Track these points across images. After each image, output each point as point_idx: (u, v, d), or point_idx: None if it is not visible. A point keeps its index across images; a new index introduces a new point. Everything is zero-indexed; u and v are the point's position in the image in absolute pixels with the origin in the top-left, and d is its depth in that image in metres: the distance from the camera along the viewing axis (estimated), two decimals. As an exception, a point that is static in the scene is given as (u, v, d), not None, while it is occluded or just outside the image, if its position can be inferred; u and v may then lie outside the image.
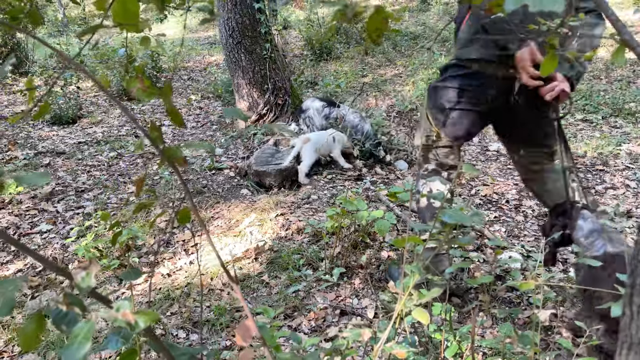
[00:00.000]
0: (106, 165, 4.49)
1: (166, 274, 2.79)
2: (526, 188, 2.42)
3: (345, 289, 2.53)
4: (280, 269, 2.74)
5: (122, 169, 4.41)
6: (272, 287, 2.61)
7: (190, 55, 10.44)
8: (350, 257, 2.75)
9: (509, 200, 3.59)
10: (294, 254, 2.85)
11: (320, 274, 2.62)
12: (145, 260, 2.96)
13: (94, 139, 5.24)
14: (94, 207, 3.58)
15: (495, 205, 3.54)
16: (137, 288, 2.68)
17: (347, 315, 2.35)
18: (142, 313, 0.61)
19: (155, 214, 3.42)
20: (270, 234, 3.09)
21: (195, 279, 2.67)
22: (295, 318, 2.36)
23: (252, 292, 2.59)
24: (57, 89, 6.24)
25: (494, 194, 3.67)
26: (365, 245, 2.89)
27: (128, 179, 4.15)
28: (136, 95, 0.65)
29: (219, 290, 2.62)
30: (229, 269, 2.50)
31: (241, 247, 2.98)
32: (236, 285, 0.84)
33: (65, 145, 5.05)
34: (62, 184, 4.01)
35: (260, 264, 2.81)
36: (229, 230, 3.19)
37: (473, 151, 4.64)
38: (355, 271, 2.69)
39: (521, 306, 2.28)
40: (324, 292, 2.53)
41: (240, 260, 2.85)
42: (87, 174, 4.25)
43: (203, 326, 2.33)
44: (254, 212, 3.36)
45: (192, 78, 8.37)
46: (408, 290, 1.18)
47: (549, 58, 1.01)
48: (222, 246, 3.02)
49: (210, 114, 6.15)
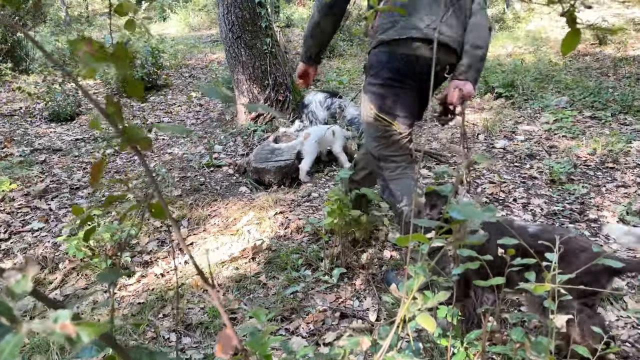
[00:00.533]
0: (103, 162, 4.39)
1: (160, 274, 2.68)
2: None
3: (345, 290, 2.42)
4: (278, 269, 2.63)
5: (118, 166, 4.30)
6: (270, 288, 2.50)
7: (192, 53, 10.34)
8: (351, 257, 2.64)
9: (516, 198, 3.46)
10: (292, 253, 2.74)
11: (319, 274, 2.51)
12: (139, 259, 2.85)
13: (92, 136, 5.14)
14: (88, 205, 3.47)
15: (502, 203, 3.41)
16: (129, 289, 2.57)
17: (348, 318, 2.24)
18: (86, 325, 0.50)
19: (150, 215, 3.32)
20: (269, 233, 2.98)
21: (189, 280, 2.56)
22: (292, 321, 2.25)
23: (248, 293, 2.48)
24: (56, 85, 6.15)
25: (500, 192, 3.55)
26: (367, 244, 2.77)
27: (124, 176, 4.05)
28: (82, 60, 0.54)
29: (215, 291, 2.50)
30: (207, 272, 2.40)
31: (238, 246, 2.87)
32: (212, 289, 0.73)
33: (62, 142, 4.95)
34: (57, 181, 3.92)
35: (257, 264, 2.70)
36: (226, 229, 3.08)
37: (478, 148, 4.52)
38: (356, 271, 2.57)
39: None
40: (324, 293, 2.41)
41: (236, 260, 2.74)
42: (83, 171, 4.15)
43: (196, 329, 2.22)
44: (253, 210, 3.25)
45: (193, 75, 8.27)
46: (412, 294, 1.06)
47: (571, 34, 0.89)
48: (218, 245, 2.91)
49: (210, 110, 6.04)
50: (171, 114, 5.97)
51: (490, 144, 4.61)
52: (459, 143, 4.68)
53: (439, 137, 4.84)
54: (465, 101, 2.04)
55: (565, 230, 2.39)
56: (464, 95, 2.05)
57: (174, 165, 4.12)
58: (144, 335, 2.18)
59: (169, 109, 6.23)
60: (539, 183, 3.67)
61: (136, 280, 2.63)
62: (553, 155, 4.17)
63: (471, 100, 5.63)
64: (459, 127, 5.17)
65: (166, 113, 6.05)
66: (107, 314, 2.38)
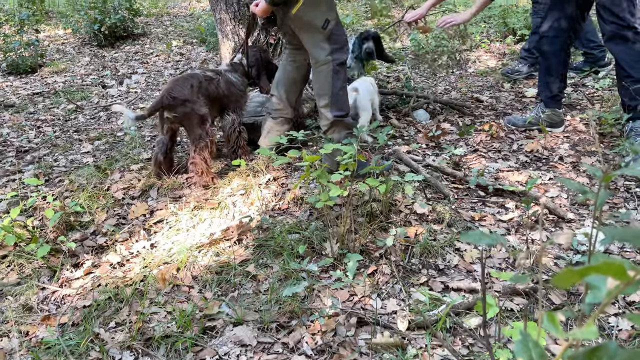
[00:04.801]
0: (62, 119, 3.69)
1: (117, 262, 2.05)
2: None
3: (362, 285, 1.80)
4: (271, 255, 2.00)
5: (80, 123, 3.61)
6: (261, 282, 1.88)
7: (176, 2, 9.44)
8: (366, 237, 2.02)
9: (562, 157, 2.82)
10: (290, 232, 2.10)
11: (327, 262, 1.87)
12: (92, 243, 2.21)
13: (53, 90, 4.41)
14: (34, 172, 2.81)
15: (546, 163, 2.77)
16: (74, 285, 1.95)
17: (368, 326, 1.63)
18: None
19: (112, 180, 2.66)
20: (259, 206, 2.33)
21: (155, 271, 1.94)
22: (292, 330, 1.64)
23: (232, 289, 1.85)
24: (12, 34, 5.34)
25: (542, 149, 2.90)
26: (386, 219, 2.14)
27: (85, 135, 3.36)
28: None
29: (188, 287, 1.88)
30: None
31: (220, 224, 2.23)
32: None
33: (16, 97, 4.22)
34: (2, 143, 3.23)
35: (244, 248, 2.07)
36: (205, 202, 2.43)
37: (506, 98, 3.84)
38: (375, 257, 1.95)
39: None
40: (333, 289, 1.79)
41: (217, 243, 2.10)
42: (36, 130, 3.46)
43: (159, 345, 1.60)
44: (238, 176, 2.59)
45: (175, 24, 7.42)
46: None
47: None
48: (195, 223, 2.27)
49: (192, 60, 5.29)
50: (147, 64, 5.22)
51: (519, 93, 3.93)
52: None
53: (458, 86, 4.15)
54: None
55: None
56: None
57: (145, 122, 3.42)
58: (86, 356, 1.57)
59: (145, 59, 5.46)
60: (587, 137, 3.02)
61: (84, 272, 2.00)
62: (597, 104, 3.50)
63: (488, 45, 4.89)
64: (480, 75, 4.47)
65: (142, 64, 5.30)
66: (41, 321, 1.76)
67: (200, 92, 2.53)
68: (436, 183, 2.46)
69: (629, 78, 2.61)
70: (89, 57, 5.69)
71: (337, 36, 2.45)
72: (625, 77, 2.62)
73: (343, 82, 2.51)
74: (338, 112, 2.51)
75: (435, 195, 2.42)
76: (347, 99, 2.58)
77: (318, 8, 2.38)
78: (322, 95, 2.50)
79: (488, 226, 2.18)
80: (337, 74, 2.46)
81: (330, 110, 2.50)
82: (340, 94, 2.51)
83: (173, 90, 2.45)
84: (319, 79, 2.49)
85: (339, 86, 2.48)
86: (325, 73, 2.46)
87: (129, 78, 4.74)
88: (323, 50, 2.44)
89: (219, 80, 2.67)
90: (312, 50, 2.48)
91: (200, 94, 2.53)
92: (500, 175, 2.63)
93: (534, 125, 3.12)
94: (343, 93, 2.53)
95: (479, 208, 2.32)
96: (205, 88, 2.57)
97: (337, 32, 2.46)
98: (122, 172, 2.76)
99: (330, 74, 2.45)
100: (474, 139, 3.06)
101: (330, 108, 2.50)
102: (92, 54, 5.79)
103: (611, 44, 2.64)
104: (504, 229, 2.17)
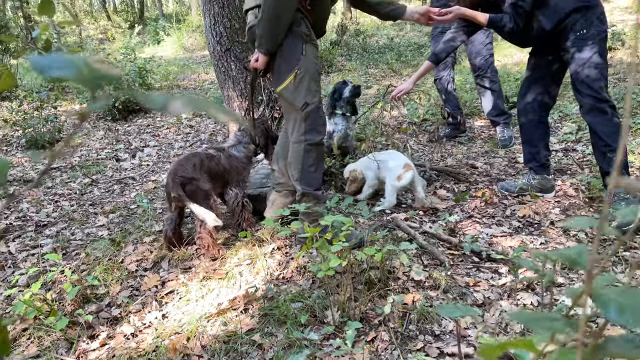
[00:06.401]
0: (78, 193, 3.90)
1: (130, 333, 2.16)
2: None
3: (361, 352, 1.90)
4: (276, 324, 2.12)
5: (95, 197, 3.81)
6: (266, 351, 1.98)
7: (185, 74, 9.96)
8: (365, 304, 2.13)
9: (553, 221, 2.96)
10: (293, 301, 2.22)
11: (328, 330, 1.99)
12: (107, 314, 2.34)
13: (69, 164, 4.66)
14: (52, 246, 2.97)
15: (537, 228, 2.91)
16: (91, 356, 2.06)
17: (368, 392, 1.72)
18: None
19: (125, 252, 2.81)
20: (264, 276, 2.47)
21: (166, 341, 2.05)
22: (296, 398, 1.72)
23: (239, 357, 1.96)
24: (31, 110, 5.69)
25: (534, 214, 3.05)
26: (384, 286, 2.26)
27: (100, 209, 3.55)
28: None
29: (197, 356, 1.99)
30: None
31: (228, 294, 2.36)
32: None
33: (35, 172, 4.47)
34: (22, 218, 3.42)
35: (251, 317, 2.19)
36: (213, 271, 2.57)
37: (500, 164, 4.03)
38: (374, 324, 2.06)
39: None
40: (334, 357, 1.89)
41: (225, 313, 2.22)
42: (54, 205, 3.66)
43: (170, 415, 1.70)
44: (245, 246, 2.74)
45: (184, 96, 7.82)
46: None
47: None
48: (204, 293, 2.40)
49: (201, 132, 5.58)
50: (158, 137, 5.50)
51: (513, 159, 4.13)
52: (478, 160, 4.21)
53: (454, 153, 4.36)
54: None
55: None
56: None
57: (157, 194, 3.62)
58: None
59: (157, 131, 5.76)
60: (577, 202, 3.16)
61: (100, 343, 2.11)
62: (586, 169, 3.68)
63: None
64: (480, 143, 4.69)
65: (153, 136, 5.59)
66: (59, 393, 1.86)
67: (203, 169, 2.73)
68: (432, 250, 2.59)
69: (607, 147, 2.79)
70: (103, 130, 6.00)
71: (313, 119, 2.60)
72: (603, 146, 2.80)
73: (315, 160, 2.66)
74: (306, 187, 2.68)
75: (432, 261, 2.54)
76: (318, 176, 2.73)
77: (300, 92, 2.56)
78: (294, 169, 2.69)
79: (482, 291, 2.29)
80: (308, 152, 2.63)
81: (300, 184, 2.69)
82: (311, 171, 2.66)
83: (178, 171, 2.65)
84: (292, 154, 2.68)
85: (309, 164, 2.65)
86: (297, 150, 2.64)
87: (141, 151, 5.01)
88: (298, 129, 2.62)
89: (220, 157, 2.87)
90: (289, 126, 2.69)
91: (202, 171, 2.73)
92: (494, 240, 2.76)
93: (526, 191, 3.29)
94: (314, 170, 2.68)
95: (473, 274, 2.44)
96: (207, 166, 2.77)
97: (315, 115, 2.60)
98: (135, 244, 2.92)
99: (301, 152, 2.63)
100: (469, 205, 3.22)
101: (299, 182, 2.68)
102: (106, 128, 6.11)
103: (589, 116, 2.84)
104: (497, 294, 2.28)
